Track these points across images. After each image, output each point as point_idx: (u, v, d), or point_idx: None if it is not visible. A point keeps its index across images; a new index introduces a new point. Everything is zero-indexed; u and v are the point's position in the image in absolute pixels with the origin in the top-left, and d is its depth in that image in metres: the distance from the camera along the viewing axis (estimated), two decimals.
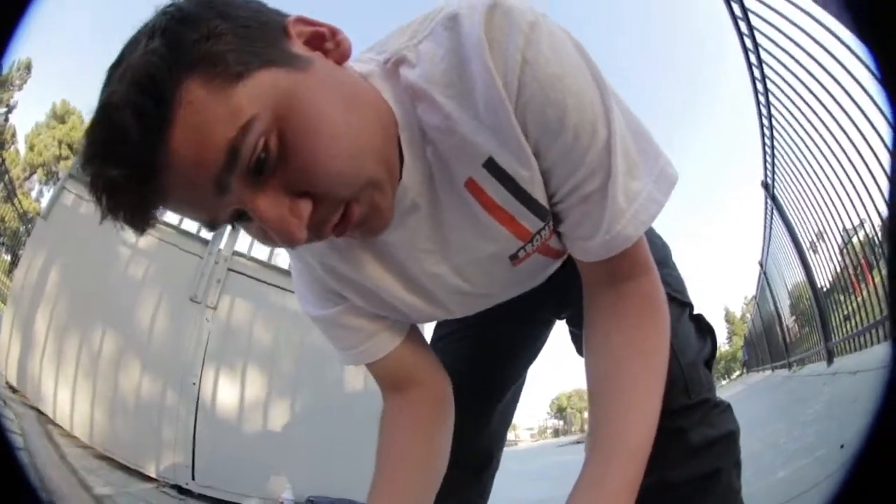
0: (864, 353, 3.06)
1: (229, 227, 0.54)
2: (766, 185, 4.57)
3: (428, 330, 0.93)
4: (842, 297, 3.60)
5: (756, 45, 3.12)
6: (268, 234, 0.45)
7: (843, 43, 2.18)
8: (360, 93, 0.48)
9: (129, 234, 1.91)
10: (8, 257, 8.93)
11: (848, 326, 3.47)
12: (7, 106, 14.07)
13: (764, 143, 4.11)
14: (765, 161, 4.34)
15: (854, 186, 2.74)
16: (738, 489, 0.68)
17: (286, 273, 2.83)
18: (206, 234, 2.70)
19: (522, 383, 0.98)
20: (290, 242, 0.44)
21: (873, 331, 2.91)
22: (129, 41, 0.41)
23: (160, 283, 2.60)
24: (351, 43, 0.49)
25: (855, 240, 3.15)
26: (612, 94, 0.50)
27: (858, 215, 2.82)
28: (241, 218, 0.45)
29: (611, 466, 0.50)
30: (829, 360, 3.70)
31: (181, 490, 2.29)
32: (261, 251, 2.91)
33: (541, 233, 0.56)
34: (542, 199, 0.53)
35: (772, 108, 3.52)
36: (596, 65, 0.49)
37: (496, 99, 0.46)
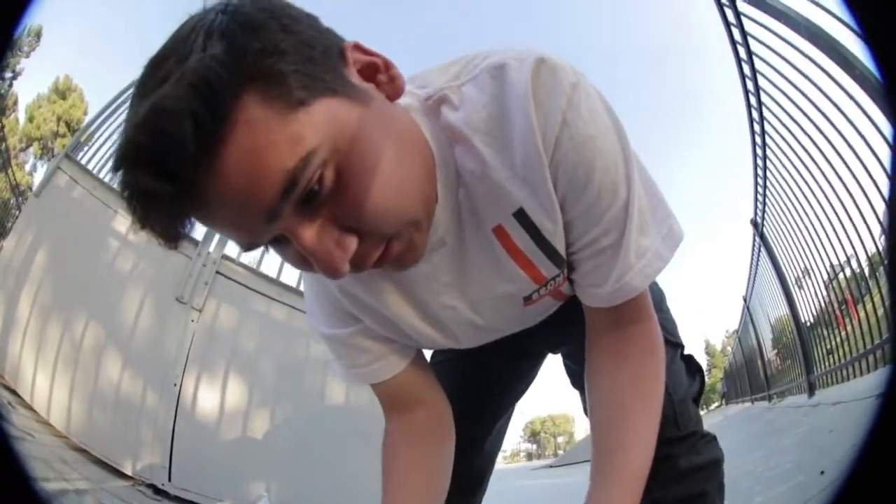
0: (845, 386, 3.10)
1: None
2: (755, 224, 4.67)
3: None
4: (825, 332, 3.67)
5: (757, 87, 3.19)
6: (305, 260, 0.45)
7: (841, 87, 2.24)
8: (410, 132, 0.49)
9: (119, 225, 1.89)
10: None
11: (831, 360, 3.52)
12: (13, 71, 13.41)
13: (756, 182, 4.21)
14: (755, 199, 4.43)
15: (842, 223, 2.80)
16: None
17: (273, 281, 2.83)
18: (197, 235, 2.66)
19: (512, 411, 1.02)
20: (333, 275, 0.43)
21: (856, 364, 2.95)
22: (180, 35, 0.38)
23: (147, 279, 2.56)
24: (404, 80, 0.49)
25: (841, 276, 3.21)
26: (634, 155, 0.53)
27: (845, 251, 2.88)
28: (277, 243, 0.45)
29: (614, 490, 0.57)
30: (811, 393, 3.75)
31: (157, 490, 2.23)
32: (249, 257, 2.89)
33: (555, 278, 0.60)
34: (561, 249, 0.56)
35: (767, 149, 3.59)
36: (622, 127, 0.52)
37: (534, 155, 0.48)
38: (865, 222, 2.51)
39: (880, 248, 2.44)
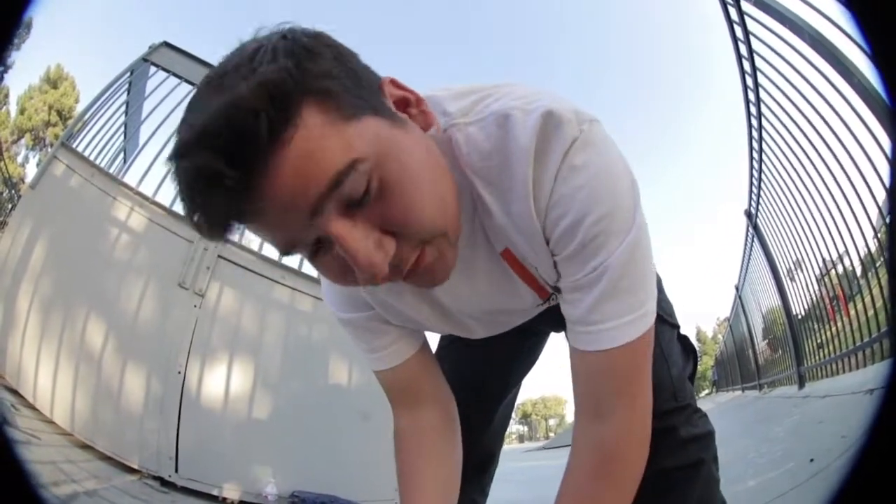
0: (835, 380, 3.15)
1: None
2: (749, 214, 4.70)
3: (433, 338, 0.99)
4: (816, 326, 3.72)
5: (756, 83, 3.20)
6: (345, 270, 0.48)
7: (839, 92, 2.26)
8: (439, 158, 0.53)
9: (119, 212, 2.01)
10: None
11: (821, 354, 3.58)
12: (4, 65, 13.50)
13: (752, 174, 4.23)
14: (750, 191, 4.46)
15: (835, 220, 2.84)
16: (718, 480, 0.79)
17: (276, 264, 2.82)
18: None
19: (519, 388, 1.06)
20: (372, 274, 0.46)
21: (847, 359, 3.01)
22: (246, 52, 0.43)
23: (148, 265, 2.53)
24: (434, 116, 0.54)
25: (833, 273, 3.26)
26: (639, 215, 0.54)
27: (837, 248, 2.93)
28: (318, 251, 0.48)
29: None
30: (801, 385, 3.82)
31: (164, 482, 2.25)
32: (251, 240, 2.85)
33: (552, 298, 0.65)
34: (552, 281, 0.60)
35: (763, 143, 3.61)
36: (628, 181, 0.53)
37: (527, 212, 0.53)
38: (857, 221, 2.55)
39: (872, 247, 2.49)
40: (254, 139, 0.39)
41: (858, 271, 2.77)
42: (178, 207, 2.58)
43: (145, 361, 2.40)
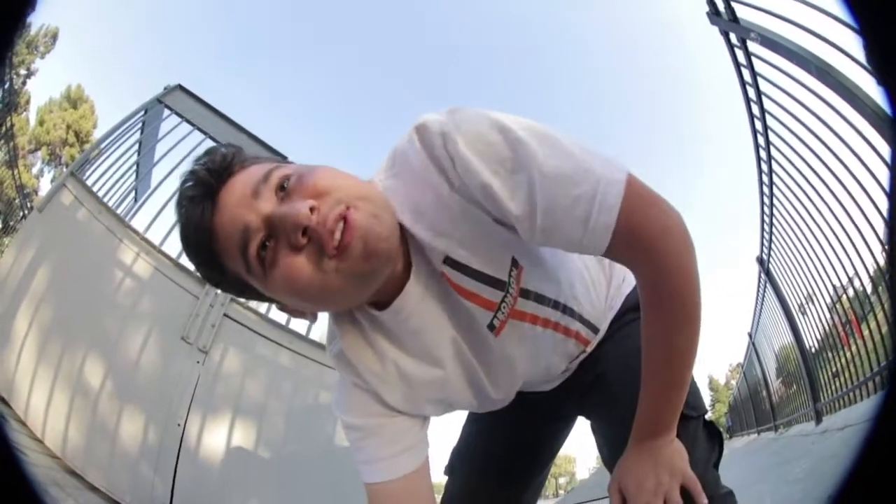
0: (853, 409, 3.05)
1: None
2: (761, 261, 4.68)
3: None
4: (830, 355, 3.64)
5: (766, 127, 3.23)
6: (293, 249, 0.56)
7: (847, 122, 2.29)
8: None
9: (124, 255, 2.18)
10: None
11: (837, 384, 3.49)
12: (28, 69, 13.53)
13: (763, 219, 4.22)
14: (762, 237, 4.45)
15: (843, 245, 2.83)
16: None
17: (281, 327, 2.81)
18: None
19: (548, 471, 1.06)
20: (296, 217, 0.54)
21: (863, 387, 2.92)
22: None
23: (151, 314, 2.50)
24: None
25: (844, 297, 3.21)
26: (534, 133, 0.57)
27: (847, 272, 2.90)
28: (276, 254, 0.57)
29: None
30: (818, 420, 3.70)
31: None
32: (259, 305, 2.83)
33: (504, 300, 0.67)
34: (498, 273, 0.65)
35: (774, 186, 3.62)
36: (509, 121, 0.58)
37: (442, 201, 0.60)
38: (866, 242, 2.54)
39: (881, 261, 2.45)
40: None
41: (869, 288, 2.73)
42: (185, 260, 2.56)
43: (144, 408, 2.34)
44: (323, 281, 0.57)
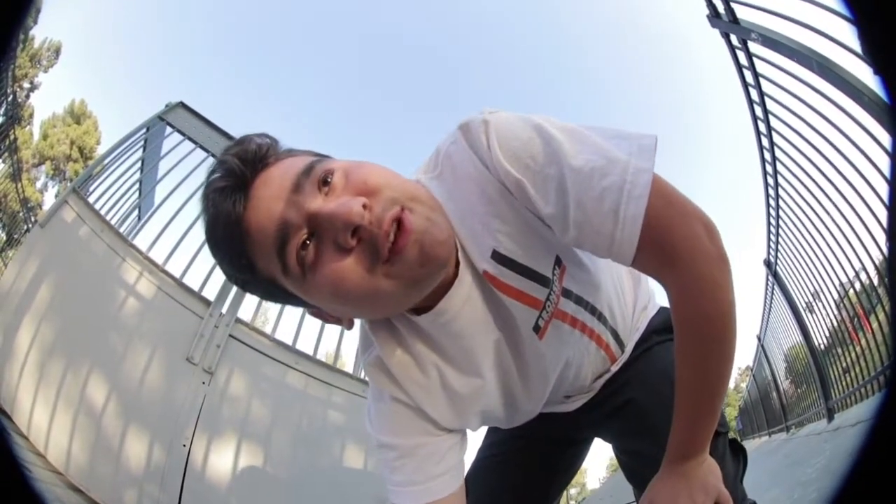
0: (865, 404, 3.02)
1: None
2: (768, 263, 4.64)
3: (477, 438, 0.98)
4: (840, 351, 3.62)
5: (770, 128, 3.23)
6: (340, 252, 0.53)
7: (850, 116, 2.29)
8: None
9: (127, 274, 2.07)
10: (3, 235, 8.89)
11: (847, 379, 3.46)
12: (31, 83, 13.45)
13: (769, 223, 4.20)
14: (769, 239, 4.42)
15: (849, 241, 2.82)
16: None
17: (287, 347, 2.78)
18: (209, 295, 2.60)
19: (562, 493, 1.07)
20: (348, 215, 0.51)
21: (873, 382, 2.90)
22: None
23: (155, 334, 2.45)
24: None
25: (851, 292, 3.20)
26: (564, 131, 0.58)
27: (853, 266, 2.88)
28: (316, 252, 0.54)
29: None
30: (830, 418, 3.66)
31: None
32: (264, 321, 2.86)
33: (549, 298, 0.66)
34: (542, 269, 0.64)
35: (779, 190, 3.61)
36: (543, 121, 0.59)
37: (490, 193, 0.60)
38: (871, 234, 2.53)
39: (886, 251, 2.44)
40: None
41: (875, 280, 2.72)
42: (189, 279, 2.61)
43: (149, 427, 2.31)
44: (372, 286, 0.53)
